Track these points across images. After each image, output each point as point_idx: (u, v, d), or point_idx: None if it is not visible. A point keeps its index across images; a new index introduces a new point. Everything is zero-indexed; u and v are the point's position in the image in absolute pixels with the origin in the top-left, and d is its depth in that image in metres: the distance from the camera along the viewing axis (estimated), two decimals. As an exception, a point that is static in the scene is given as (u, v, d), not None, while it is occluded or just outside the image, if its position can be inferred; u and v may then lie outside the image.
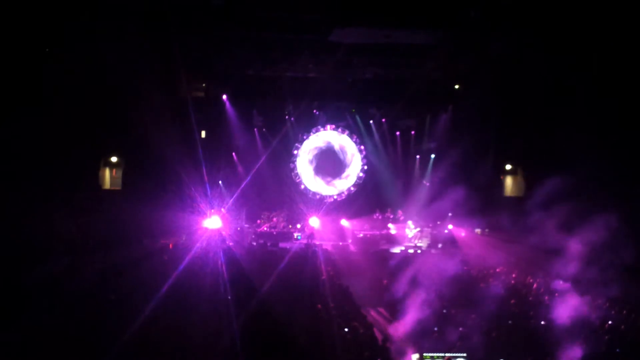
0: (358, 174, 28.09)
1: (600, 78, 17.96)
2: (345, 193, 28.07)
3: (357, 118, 28.09)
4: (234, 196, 26.12)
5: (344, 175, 28.22)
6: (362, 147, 28.07)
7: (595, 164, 17.48)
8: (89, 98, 18.62)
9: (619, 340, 11.35)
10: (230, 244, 23.47)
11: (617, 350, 10.97)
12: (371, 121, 28.08)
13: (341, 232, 25.31)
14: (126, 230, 18.65)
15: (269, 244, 22.71)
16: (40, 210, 16.15)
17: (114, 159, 22.78)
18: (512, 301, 14.09)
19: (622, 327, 12.11)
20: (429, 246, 23.58)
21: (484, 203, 23.08)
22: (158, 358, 9.49)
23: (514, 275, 17.19)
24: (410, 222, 25.17)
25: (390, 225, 26.17)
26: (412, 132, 28.34)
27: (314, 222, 25.07)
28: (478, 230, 23.93)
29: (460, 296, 14.44)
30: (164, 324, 11.09)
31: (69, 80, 17.93)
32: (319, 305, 12.79)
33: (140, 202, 19.32)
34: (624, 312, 13.00)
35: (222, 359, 9.72)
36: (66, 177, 17.59)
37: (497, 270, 18.18)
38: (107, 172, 22.90)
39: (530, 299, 14.74)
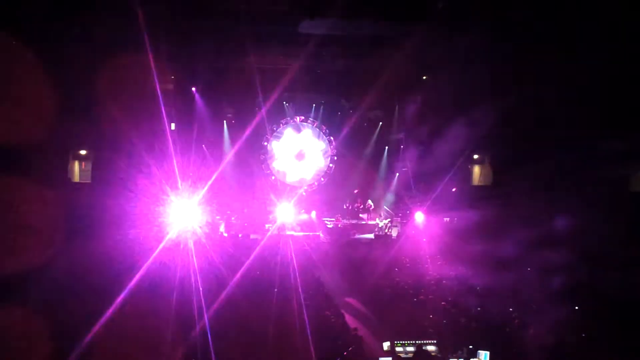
0: (328, 165, 28.23)
1: (567, 69, 18.26)
2: (316, 184, 28.20)
3: (327, 109, 28.19)
4: (205, 188, 26.10)
5: (313, 166, 28.32)
6: (332, 138, 28.22)
7: (561, 155, 17.82)
8: (57, 90, 18.45)
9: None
10: (201, 235, 23.51)
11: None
12: (339, 112, 28.22)
13: (312, 223, 25.43)
14: (95, 223, 18.50)
15: (240, 235, 22.72)
16: (10, 203, 16.02)
17: (83, 152, 22.63)
18: (478, 289, 14.30)
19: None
20: (399, 235, 23.81)
21: (452, 192, 23.38)
22: (129, 347, 9.51)
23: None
24: (380, 212, 25.48)
25: (360, 215, 26.40)
26: (381, 123, 28.53)
27: (285, 212, 25.16)
28: (447, 219, 24.18)
29: (430, 285, 14.64)
30: (135, 314, 11.11)
31: (38, 73, 17.76)
32: (291, 296, 12.89)
33: (109, 194, 19.21)
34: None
35: (193, 350, 9.75)
36: (35, 170, 17.42)
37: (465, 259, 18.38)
38: (77, 165, 22.74)
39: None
